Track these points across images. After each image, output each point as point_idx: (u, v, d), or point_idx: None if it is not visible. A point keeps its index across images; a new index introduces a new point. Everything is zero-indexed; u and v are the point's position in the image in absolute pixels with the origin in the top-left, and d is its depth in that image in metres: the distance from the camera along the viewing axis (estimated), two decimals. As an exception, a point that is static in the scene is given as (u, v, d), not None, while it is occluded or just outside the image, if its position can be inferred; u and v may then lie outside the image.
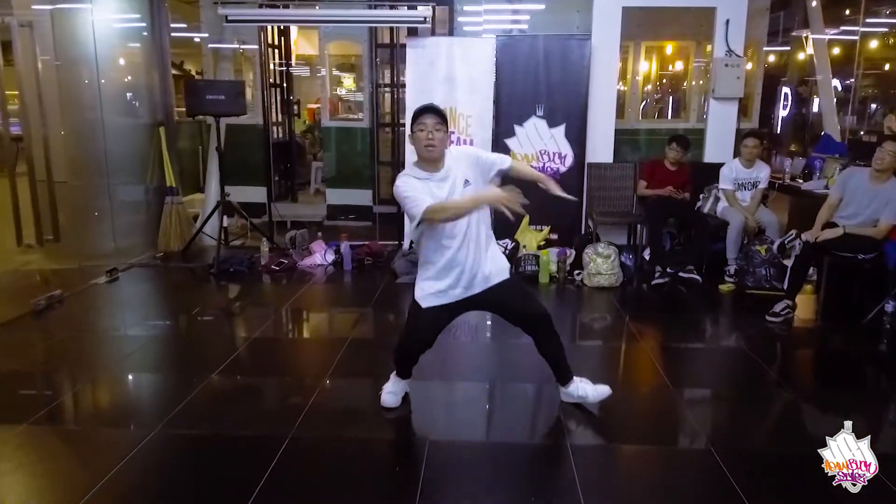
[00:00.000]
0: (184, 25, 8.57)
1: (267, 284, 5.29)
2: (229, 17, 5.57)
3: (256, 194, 7.64)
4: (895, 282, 4.23)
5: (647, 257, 5.49)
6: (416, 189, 2.63)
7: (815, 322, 4.39)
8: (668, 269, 5.23)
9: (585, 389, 3.02)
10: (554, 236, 5.90)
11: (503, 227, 5.91)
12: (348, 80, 10.84)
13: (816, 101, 12.03)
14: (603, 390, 3.02)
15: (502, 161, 2.87)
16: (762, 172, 5.32)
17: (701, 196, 5.69)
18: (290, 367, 3.73)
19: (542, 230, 5.90)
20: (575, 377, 3.05)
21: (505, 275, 2.87)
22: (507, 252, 5.70)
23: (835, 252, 4.22)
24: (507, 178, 2.88)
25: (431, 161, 2.71)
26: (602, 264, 5.06)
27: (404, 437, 2.93)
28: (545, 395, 3.20)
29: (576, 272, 5.28)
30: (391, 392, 3.05)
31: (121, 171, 5.64)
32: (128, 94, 5.79)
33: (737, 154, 5.57)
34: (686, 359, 3.88)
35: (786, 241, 4.66)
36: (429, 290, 2.80)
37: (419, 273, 2.86)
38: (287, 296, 4.91)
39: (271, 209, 6.60)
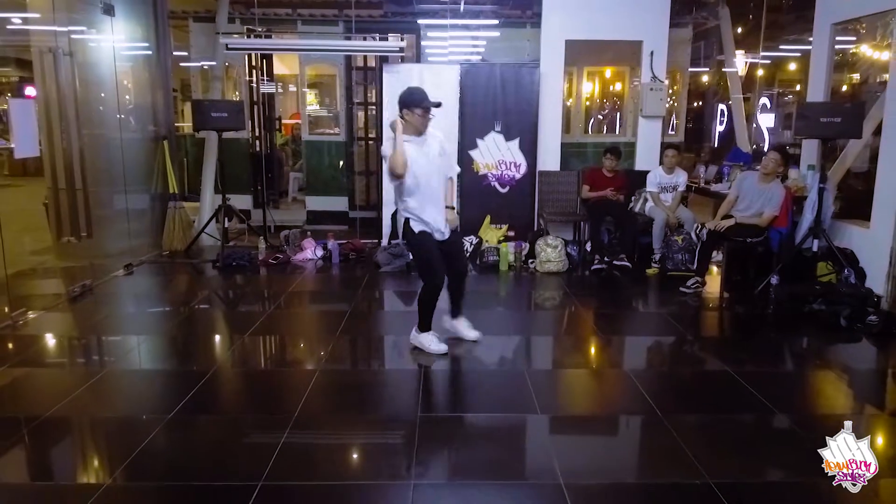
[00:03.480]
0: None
1: (266, 276, 6.13)
2: (229, 46, 6.43)
3: (242, 201, 8.45)
4: (778, 260, 5.39)
5: (589, 248, 6.55)
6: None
7: (720, 293, 5.50)
8: (605, 258, 6.30)
9: (463, 327, 4.16)
10: (511, 233, 6.93)
11: (469, 225, 6.95)
12: (311, 96, 11.72)
13: (754, 116, 13.51)
14: (475, 334, 4.13)
15: (452, 170, 4.06)
16: (680, 178, 6.46)
17: (633, 198, 6.80)
18: (308, 331, 4.63)
19: (501, 228, 6.92)
20: (464, 318, 4.16)
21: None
22: (472, 246, 6.70)
23: (730, 237, 5.35)
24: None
25: (421, 132, 3.75)
26: (551, 253, 6.10)
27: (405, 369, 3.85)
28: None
29: (529, 261, 6.30)
30: (441, 342, 3.95)
31: (133, 180, 6.40)
32: (138, 113, 6.58)
33: (661, 162, 6.69)
34: (618, 321, 4.93)
35: (695, 231, 5.76)
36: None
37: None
38: (288, 283, 5.77)
39: (265, 212, 7.42)
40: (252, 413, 3.24)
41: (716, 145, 13.43)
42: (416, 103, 3.69)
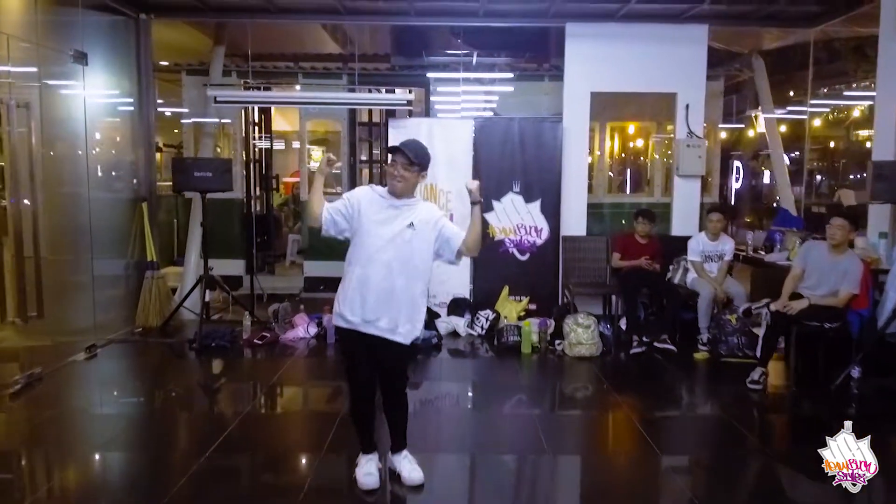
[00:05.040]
0: (159, 101, 8.76)
1: (250, 359, 5.27)
2: (217, 99, 5.77)
3: (233, 267, 7.67)
4: (859, 349, 4.49)
5: (624, 326, 5.68)
6: (350, 197, 2.92)
7: (787, 388, 4.59)
8: (644, 339, 5.41)
9: (402, 466, 3.04)
10: (533, 307, 6.08)
11: (484, 297, 6.11)
12: (317, 153, 11.13)
13: (767, 173, 12.82)
14: (417, 477, 2.99)
15: (456, 240, 2.90)
16: (727, 245, 5.63)
17: (670, 267, 5.96)
18: (282, 445, 3.71)
19: (521, 301, 6.07)
20: (405, 452, 3.08)
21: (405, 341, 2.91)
22: (488, 322, 5.82)
23: (802, 321, 4.47)
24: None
25: (399, 196, 2.88)
26: (583, 334, 5.22)
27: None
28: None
29: (556, 342, 5.42)
30: (368, 473, 2.98)
31: (103, 246, 5.63)
32: (114, 171, 5.89)
33: (702, 228, 5.90)
34: (674, 430, 4.01)
35: (752, 308, 4.90)
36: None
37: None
38: (273, 370, 4.90)
39: (253, 282, 6.62)
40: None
41: (732, 203, 12.74)
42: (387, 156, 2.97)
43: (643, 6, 5.78)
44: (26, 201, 4.53)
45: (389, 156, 2.89)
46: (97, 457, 3.47)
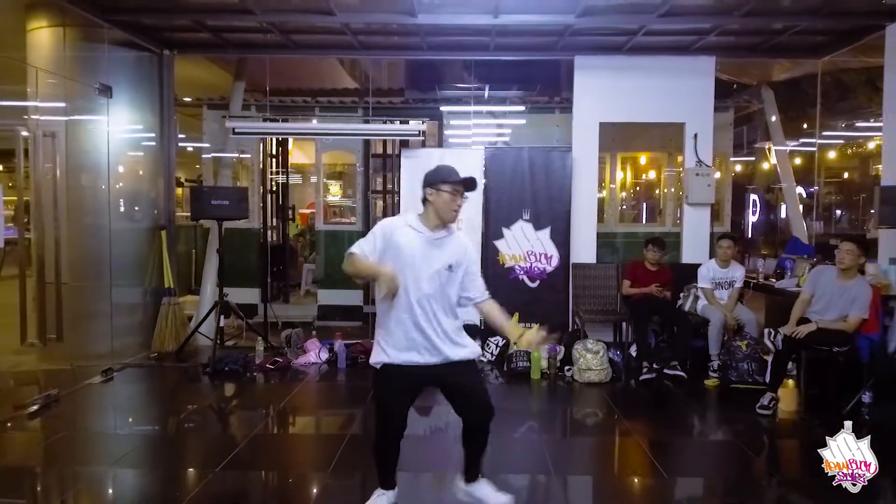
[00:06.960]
0: (182, 136, 9.03)
1: (262, 384, 5.34)
2: (236, 130, 5.97)
3: (249, 295, 7.80)
4: (870, 374, 4.44)
5: (634, 353, 5.67)
6: (380, 237, 2.75)
7: (798, 414, 4.54)
8: (655, 365, 5.39)
9: (486, 492, 2.95)
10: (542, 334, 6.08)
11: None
12: (335, 188, 11.36)
13: (783, 206, 12.77)
14: (503, 499, 2.92)
15: (476, 291, 2.90)
16: (737, 272, 5.63)
17: (681, 295, 5.96)
18: (294, 464, 3.75)
19: (531, 328, 6.07)
20: (481, 479, 2.99)
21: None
22: (498, 349, 5.86)
23: (812, 346, 4.45)
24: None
25: (444, 224, 2.82)
26: (592, 360, 5.22)
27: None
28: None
29: (566, 368, 5.42)
30: None
31: (122, 273, 5.79)
32: (135, 201, 6.07)
33: (712, 255, 5.91)
34: (682, 454, 3.98)
35: (769, 338, 4.88)
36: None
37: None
38: (283, 394, 4.96)
39: (267, 310, 6.72)
40: None
41: (749, 236, 12.69)
42: (442, 178, 2.80)
43: (650, 39, 5.92)
44: (48, 229, 4.72)
45: (451, 186, 2.78)
46: (108, 473, 3.54)
